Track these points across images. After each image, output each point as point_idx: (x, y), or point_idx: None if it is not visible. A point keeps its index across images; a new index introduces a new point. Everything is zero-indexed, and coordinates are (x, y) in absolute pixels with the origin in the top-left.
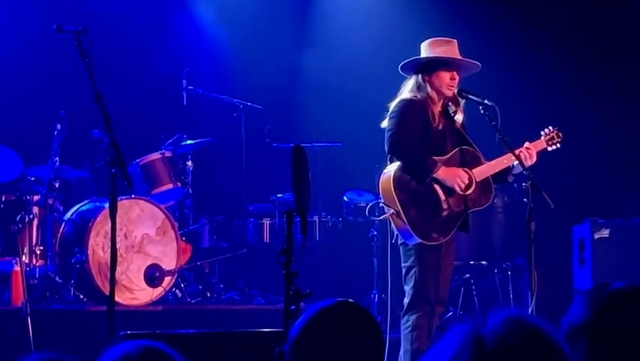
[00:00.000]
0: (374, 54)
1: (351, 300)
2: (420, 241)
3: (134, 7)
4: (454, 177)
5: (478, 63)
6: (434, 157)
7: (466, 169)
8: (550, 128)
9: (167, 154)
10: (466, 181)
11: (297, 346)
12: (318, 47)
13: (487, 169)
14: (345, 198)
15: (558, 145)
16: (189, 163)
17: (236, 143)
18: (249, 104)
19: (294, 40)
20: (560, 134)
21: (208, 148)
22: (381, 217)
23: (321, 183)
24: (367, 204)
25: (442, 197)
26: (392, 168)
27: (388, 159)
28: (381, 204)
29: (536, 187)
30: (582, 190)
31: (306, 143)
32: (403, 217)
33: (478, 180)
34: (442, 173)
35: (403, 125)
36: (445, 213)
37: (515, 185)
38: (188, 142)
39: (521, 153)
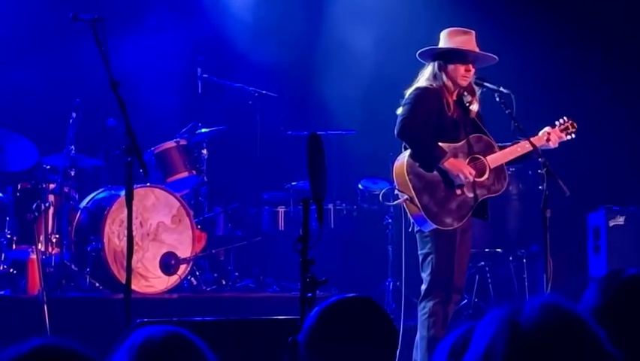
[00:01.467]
0: (389, 42)
1: (369, 296)
2: (435, 226)
3: None
4: (458, 170)
5: (495, 56)
6: (446, 144)
7: (478, 156)
8: (565, 118)
9: (182, 142)
10: (470, 175)
11: (311, 336)
12: (332, 34)
13: (501, 157)
14: (359, 186)
15: (573, 135)
16: (204, 151)
17: (251, 131)
18: (264, 92)
19: (308, 29)
20: (575, 124)
21: (223, 136)
22: (394, 202)
23: (336, 171)
24: (382, 192)
25: (455, 183)
26: (406, 154)
27: (403, 146)
28: (395, 191)
29: (552, 174)
30: (597, 177)
31: (320, 131)
32: (417, 203)
33: (492, 167)
34: (448, 164)
35: (415, 112)
36: (458, 198)
37: (530, 172)
38: (203, 130)
39: (547, 138)
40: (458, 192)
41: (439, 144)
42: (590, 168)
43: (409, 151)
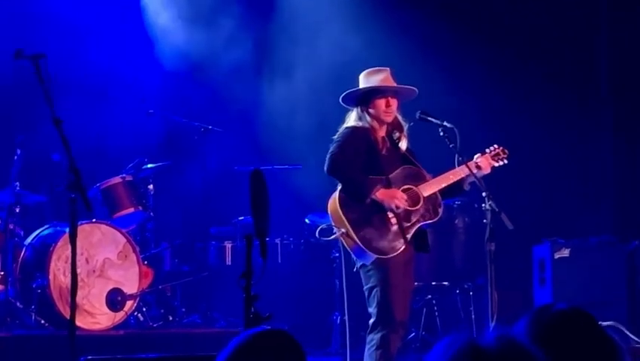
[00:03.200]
0: (335, 75)
1: (282, 329)
2: (374, 257)
3: (93, 32)
4: (391, 199)
5: (414, 88)
6: (375, 177)
7: (410, 186)
8: (496, 145)
9: (128, 178)
10: (404, 202)
11: None
12: (279, 70)
13: (434, 184)
14: (306, 220)
15: (505, 161)
16: (150, 187)
17: (197, 166)
18: (210, 127)
19: (255, 64)
20: (506, 150)
21: (169, 172)
22: (331, 237)
23: (283, 206)
24: (318, 228)
25: (390, 213)
26: (338, 189)
27: (337, 183)
28: (334, 230)
29: (495, 209)
30: (542, 210)
31: (267, 165)
32: (353, 236)
33: (425, 195)
34: (379, 195)
35: (344, 149)
36: (394, 227)
37: (476, 205)
38: (149, 166)
39: (476, 164)
40: (393, 220)
41: (370, 177)
42: (535, 201)
43: (340, 186)
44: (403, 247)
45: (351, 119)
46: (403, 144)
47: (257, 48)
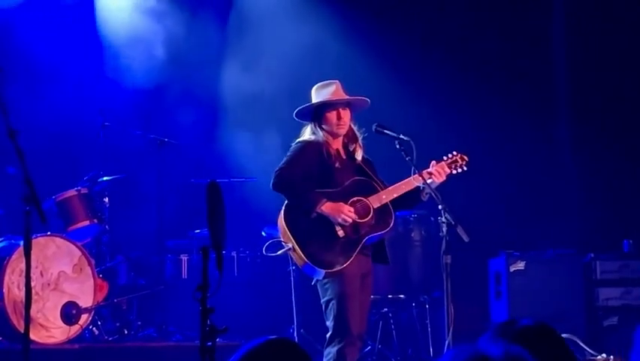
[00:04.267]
0: (293, 87)
1: (286, 338)
2: (324, 271)
3: (48, 42)
4: (337, 212)
5: (366, 98)
6: (321, 190)
7: (359, 198)
8: (454, 152)
9: (83, 191)
10: (351, 215)
11: None
12: (233, 79)
13: (384, 196)
14: (263, 232)
15: (464, 168)
16: (106, 200)
17: (153, 179)
18: (166, 139)
19: (211, 79)
20: (465, 157)
21: (124, 184)
22: (278, 252)
23: (239, 218)
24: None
25: (337, 226)
26: (284, 204)
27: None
28: (283, 245)
29: (450, 221)
30: (498, 223)
31: (223, 178)
32: (299, 251)
33: (375, 207)
34: (325, 208)
35: (291, 163)
36: (341, 241)
37: (432, 218)
38: (105, 178)
39: (429, 173)
40: (340, 233)
41: (316, 190)
42: (490, 214)
43: (286, 202)
44: (351, 260)
45: (306, 133)
46: (358, 155)
47: (213, 58)
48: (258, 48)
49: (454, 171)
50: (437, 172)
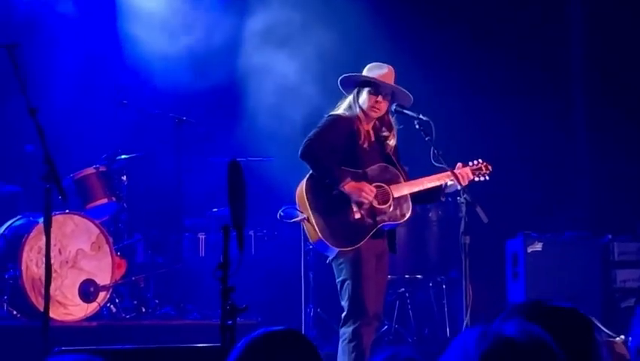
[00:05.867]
0: (310, 68)
1: (295, 329)
2: (335, 250)
3: (66, 22)
4: (359, 191)
5: (408, 94)
6: (350, 169)
7: (381, 185)
8: (480, 160)
9: (102, 169)
10: (372, 197)
11: None
12: (252, 60)
13: (406, 187)
14: (280, 212)
15: (486, 177)
16: (124, 178)
17: (171, 157)
18: (184, 118)
19: (228, 53)
20: (489, 166)
21: (143, 162)
22: (292, 220)
23: (257, 198)
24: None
25: (355, 207)
26: (307, 175)
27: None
28: (297, 213)
29: (470, 201)
30: (516, 204)
31: (241, 157)
32: (313, 222)
33: (395, 195)
34: (348, 187)
35: (321, 136)
36: (356, 222)
37: (450, 199)
38: (123, 157)
39: (454, 175)
40: (357, 215)
41: (343, 168)
42: (508, 195)
43: (310, 172)
44: (362, 242)
45: (341, 107)
46: (392, 142)
47: (233, 39)
48: (280, 27)
49: (477, 179)
50: (461, 176)
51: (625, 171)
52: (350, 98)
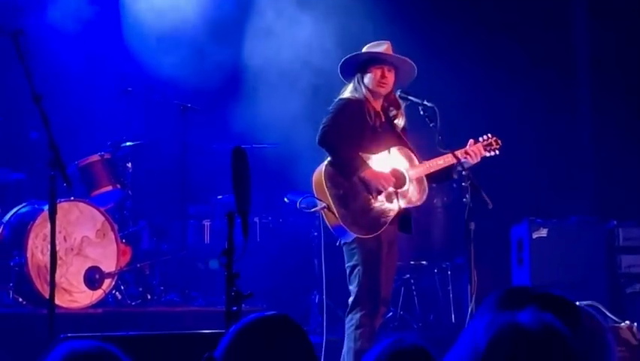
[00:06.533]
0: (314, 55)
1: (285, 314)
2: (354, 235)
3: (71, 8)
4: (378, 179)
5: (409, 60)
6: (366, 154)
7: (398, 169)
8: (489, 135)
9: (107, 156)
10: (391, 185)
11: (227, 354)
12: (257, 47)
13: (422, 169)
14: (285, 199)
15: (497, 152)
16: (129, 165)
17: (176, 144)
18: (189, 105)
19: (234, 42)
20: (499, 140)
21: (147, 150)
22: (312, 210)
23: (262, 185)
24: (300, 199)
25: (374, 193)
26: (325, 162)
27: (325, 157)
28: (317, 203)
29: (475, 187)
30: (521, 190)
31: (245, 144)
32: (334, 211)
33: (412, 179)
34: (367, 174)
35: (337, 121)
36: (376, 208)
37: (455, 185)
38: (128, 144)
39: (466, 152)
40: (377, 202)
41: (360, 154)
42: (513, 181)
43: (328, 159)
44: (383, 228)
45: (347, 91)
46: (400, 122)
47: (237, 25)
48: (283, 15)
49: (488, 154)
50: (473, 153)
51: (630, 156)
52: (353, 81)
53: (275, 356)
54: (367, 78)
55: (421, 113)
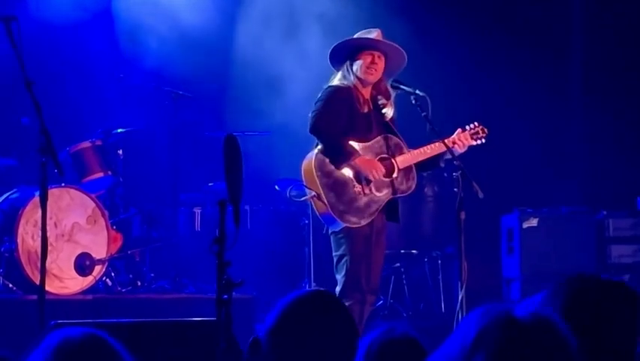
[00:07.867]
0: (304, 44)
1: (325, 290)
2: (343, 225)
3: None
4: (369, 168)
5: (398, 47)
6: (356, 142)
7: (386, 156)
8: (476, 123)
9: (98, 142)
10: (381, 174)
11: (274, 335)
12: (248, 36)
13: (410, 158)
14: (276, 187)
15: (483, 140)
16: (120, 152)
17: (167, 132)
18: (180, 92)
19: (225, 30)
20: (486, 129)
21: (139, 137)
22: (302, 199)
23: (253, 173)
24: (289, 188)
25: (364, 182)
26: (315, 151)
27: (315, 144)
28: (306, 191)
29: (466, 176)
30: (511, 180)
31: (237, 132)
32: (324, 199)
33: (400, 167)
34: (358, 162)
35: (327, 109)
36: (366, 197)
37: (446, 174)
38: (119, 130)
39: (454, 141)
40: (366, 190)
41: (350, 142)
42: (503, 171)
43: (318, 148)
44: (373, 217)
45: (336, 78)
46: (389, 112)
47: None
48: (276, 4)
49: (474, 143)
50: (460, 141)
51: (620, 147)
52: (343, 68)
53: (320, 331)
54: (356, 65)
55: (413, 102)
